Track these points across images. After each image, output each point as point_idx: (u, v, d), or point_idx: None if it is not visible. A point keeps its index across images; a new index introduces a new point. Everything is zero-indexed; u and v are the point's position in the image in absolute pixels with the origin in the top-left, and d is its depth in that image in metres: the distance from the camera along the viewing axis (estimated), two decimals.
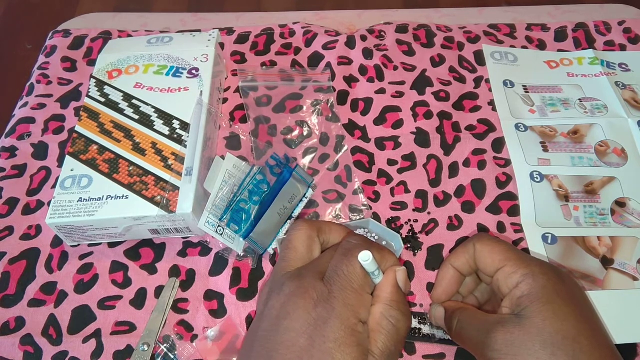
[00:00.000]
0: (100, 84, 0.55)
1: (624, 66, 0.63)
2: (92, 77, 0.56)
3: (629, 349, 0.45)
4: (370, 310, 0.35)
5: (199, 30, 0.67)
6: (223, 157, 0.50)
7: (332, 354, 0.32)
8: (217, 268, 0.49)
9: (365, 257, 0.34)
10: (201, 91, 0.54)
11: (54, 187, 0.53)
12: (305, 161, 0.55)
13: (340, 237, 0.40)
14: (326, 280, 0.35)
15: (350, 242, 0.37)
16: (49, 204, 0.51)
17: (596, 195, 0.53)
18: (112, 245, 0.51)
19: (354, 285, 0.34)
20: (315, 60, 0.64)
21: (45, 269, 0.49)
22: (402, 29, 0.67)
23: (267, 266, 0.49)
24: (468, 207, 0.53)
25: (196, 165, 0.49)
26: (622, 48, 0.66)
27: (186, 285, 0.48)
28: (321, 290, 0.34)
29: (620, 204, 0.52)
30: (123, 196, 0.47)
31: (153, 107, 0.53)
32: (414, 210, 0.52)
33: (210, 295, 0.48)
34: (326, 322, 0.33)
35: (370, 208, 0.52)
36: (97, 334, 0.46)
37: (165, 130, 0.52)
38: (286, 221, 0.49)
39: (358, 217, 0.51)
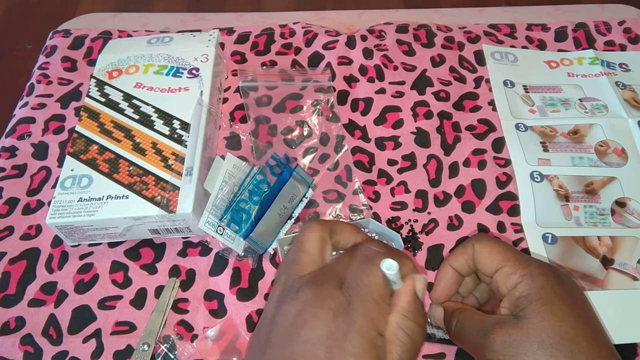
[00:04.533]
0: (101, 84, 0.55)
1: (624, 66, 0.63)
2: (92, 77, 0.56)
3: (629, 349, 0.45)
4: (387, 320, 0.33)
5: (199, 30, 0.67)
6: (223, 157, 0.50)
7: None
8: (217, 268, 0.49)
9: (389, 267, 0.32)
10: (201, 91, 0.54)
11: (54, 187, 0.53)
12: (305, 161, 0.55)
13: (351, 239, 0.38)
14: (345, 289, 0.33)
15: (369, 248, 0.35)
16: (49, 203, 0.51)
17: (596, 195, 0.53)
18: (112, 245, 0.51)
19: (375, 296, 0.32)
20: (315, 60, 0.64)
21: (45, 269, 0.49)
22: (402, 29, 0.67)
23: (267, 266, 0.49)
24: (468, 207, 0.53)
25: (196, 165, 0.49)
26: (622, 48, 0.66)
27: (186, 285, 0.48)
28: (340, 300, 0.32)
29: (621, 204, 0.52)
30: (123, 196, 0.47)
31: (153, 107, 0.53)
32: (414, 210, 0.52)
33: (210, 295, 0.48)
34: (346, 335, 0.31)
35: (370, 208, 0.52)
36: (97, 334, 0.46)
37: (166, 130, 0.52)
38: (286, 221, 0.49)
39: (358, 217, 0.51)
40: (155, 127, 0.52)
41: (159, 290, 0.48)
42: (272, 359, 0.32)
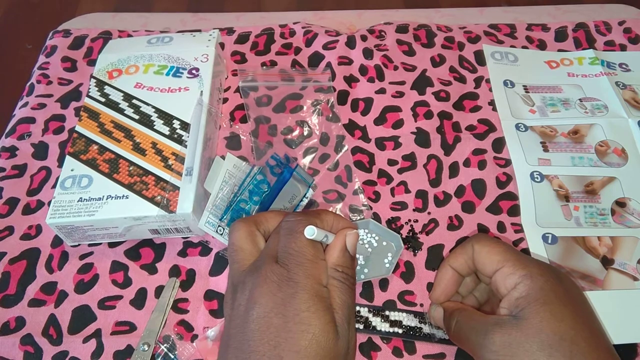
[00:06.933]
0: (101, 84, 0.55)
1: (624, 66, 0.63)
2: (92, 77, 0.56)
3: (629, 349, 0.45)
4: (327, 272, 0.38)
5: (199, 30, 0.67)
6: (223, 157, 0.50)
7: (309, 321, 0.34)
8: (217, 268, 0.49)
9: (311, 232, 0.36)
10: (201, 91, 0.54)
11: (54, 187, 0.53)
12: (306, 161, 0.55)
13: (277, 222, 0.40)
14: (280, 262, 0.36)
15: (289, 220, 0.38)
16: (49, 203, 0.51)
17: (596, 195, 0.53)
18: (112, 245, 0.51)
19: (308, 257, 0.36)
20: (315, 60, 0.64)
21: (46, 269, 0.49)
22: (402, 29, 0.67)
23: None
24: (468, 207, 0.53)
25: (196, 165, 0.49)
26: (622, 48, 0.66)
27: (186, 285, 0.48)
28: (280, 271, 0.35)
29: (621, 204, 0.52)
30: (123, 196, 0.47)
31: (153, 107, 0.53)
32: (414, 210, 0.52)
33: (210, 295, 0.48)
34: (294, 296, 0.34)
35: (371, 208, 0.52)
36: (97, 334, 0.46)
37: (166, 130, 0.52)
38: None
39: (358, 217, 0.51)
40: (155, 127, 0.52)
41: (159, 290, 0.48)
42: (235, 347, 0.35)
